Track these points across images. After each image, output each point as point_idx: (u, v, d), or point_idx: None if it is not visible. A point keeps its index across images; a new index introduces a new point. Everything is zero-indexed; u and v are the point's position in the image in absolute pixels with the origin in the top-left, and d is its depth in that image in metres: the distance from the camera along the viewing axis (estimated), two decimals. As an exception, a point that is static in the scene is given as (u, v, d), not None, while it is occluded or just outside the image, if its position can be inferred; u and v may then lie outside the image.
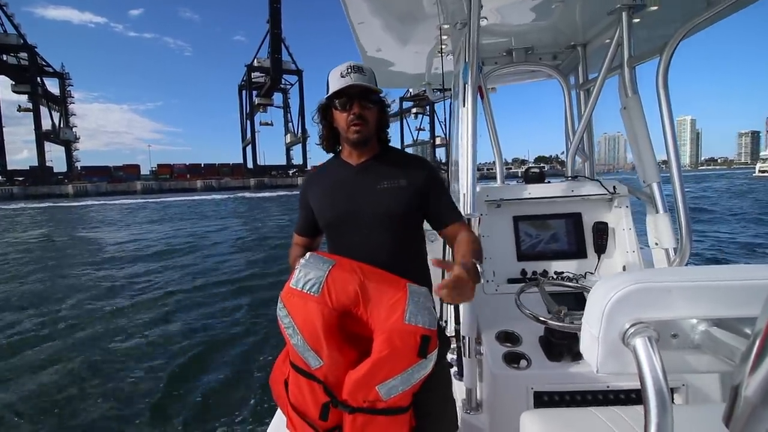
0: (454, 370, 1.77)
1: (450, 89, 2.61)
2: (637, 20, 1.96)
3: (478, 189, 2.02)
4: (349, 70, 1.22)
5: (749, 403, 0.38)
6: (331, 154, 1.42)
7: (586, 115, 2.33)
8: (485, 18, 2.10)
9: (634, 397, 1.45)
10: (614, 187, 2.06)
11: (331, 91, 1.23)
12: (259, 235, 15.20)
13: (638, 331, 0.54)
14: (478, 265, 1.10)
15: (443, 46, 2.32)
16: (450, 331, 1.80)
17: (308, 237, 1.44)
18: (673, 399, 1.43)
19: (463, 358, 1.62)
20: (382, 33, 2.43)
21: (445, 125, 2.34)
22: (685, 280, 0.57)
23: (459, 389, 1.66)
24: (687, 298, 0.56)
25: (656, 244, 1.90)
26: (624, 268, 2.01)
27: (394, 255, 1.26)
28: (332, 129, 1.34)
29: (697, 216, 15.59)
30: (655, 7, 1.91)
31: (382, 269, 1.20)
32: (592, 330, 0.59)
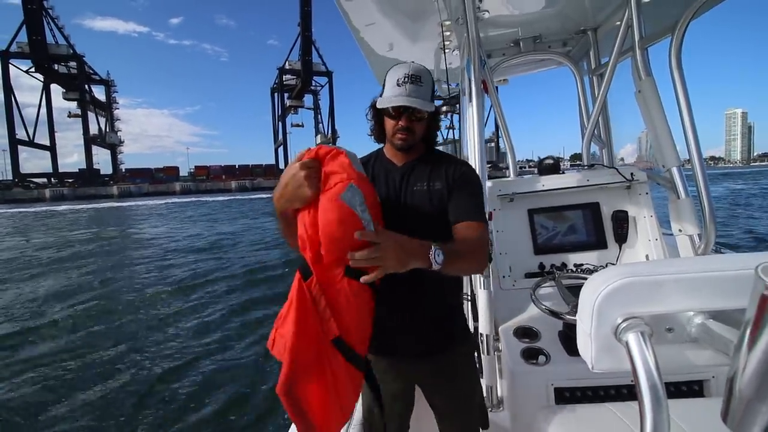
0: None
1: (458, 85, 2.62)
2: (647, 0, 1.91)
3: (490, 184, 2.02)
4: (406, 79, 1.19)
5: (744, 396, 0.38)
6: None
7: (599, 100, 2.27)
8: (487, 11, 2.06)
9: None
10: (632, 174, 2.00)
11: (383, 99, 1.22)
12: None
13: (630, 326, 0.53)
14: (435, 253, 1.00)
15: (447, 42, 2.35)
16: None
17: None
18: (703, 392, 1.33)
19: (482, 355, 1.60)
20: (392, 32, 2.42)
21: (454, 130, 2.32)
22: (678, 272, 0.55)
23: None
24: (680, 290, 0.54)
25: (680, 230, 1.84)
26: (647, 257, 1.95)
27: None
28: (382, 126, 1.32)
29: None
30: None
31: (414, 272, 1.10)
32: (584, 326, 0.58)
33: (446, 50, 2.38)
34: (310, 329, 1.00)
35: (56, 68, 67.19)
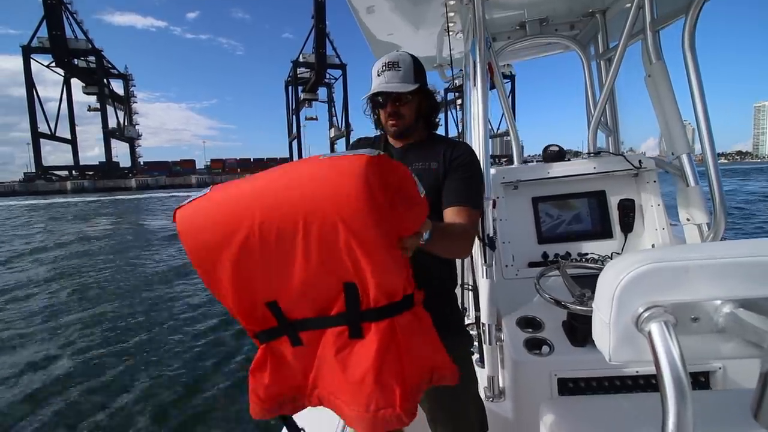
0: (475, 357, 1.69)
1: (462, 70, 2.53)
2: None
3: (494, 171, 1.99)
4: (384, 68, 1.24)
5: None
6: None
7: (607, 85, 2.19)
8: None
9: None
10: (640, 162, 1.95)
11: (370, 91, 1.27)
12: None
13: (653, 315, 0.50)
14: (423, 233, 0.87)
15: (451, 24, 2.26)
16: (470, 317, 1.77)
17: None
18: (709, 383, 1.33)
19: (484, 345, 1.58)
20: (392, 15, 2.34)
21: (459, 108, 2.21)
22: (705, 258, 0.51)
23: (480, 377, 1.60)
24: (707, 277, 0.51)
25: (688, 219, 1.80)
26: (653, 247, 1.91)
27: None
28: (380, 118, 1.35)
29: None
30: None
31: None
32: (603, 315, 0.55)
33: (450, 32, 2.28)
34: None
35: (76, 63, 68.59)
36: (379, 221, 0.67)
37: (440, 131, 1.43)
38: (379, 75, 1.25)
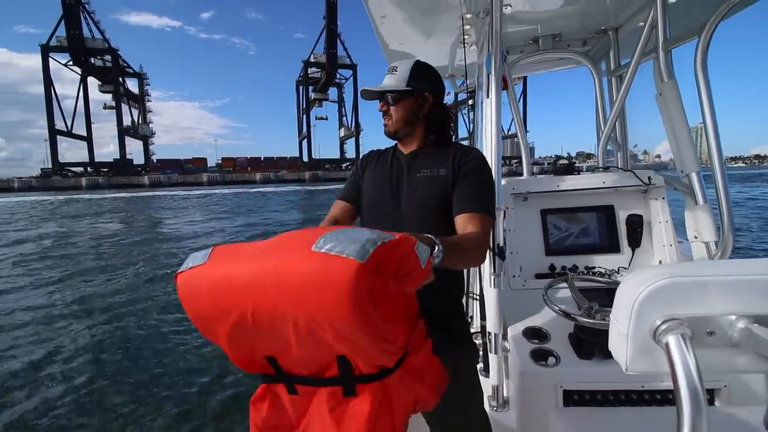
0: (479, 366, 1.73)
1: (474, 80, 2.56)
2: (673, 1, 1.86)
3: (504, 182, 1.99)
4: (386, 72, 1.32)
5: None
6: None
7: (618, 102, 2.23)
8: (509, 5, 2.03)
9: (670, 398, 1.36)
10: (649, 178, 1.98)
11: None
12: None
13: (671, 327, 0.51)
14: (436, 243, 0.91)
15: (466, 37, 2.31)
16: (475, 326, 1.75)
17: (352, 204, 1.43)
18: (714, 401, 1.31)
19: (489, 354, 1.58)
20: (405, 26, 2.41)
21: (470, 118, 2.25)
22: (723, 274, 0.53)
23: (485, 386, 1.60)
24: (725, 293, 0.52)
25: (695, 237, 1.82)
26: (660, 263, 1.93)
27: None
28: None
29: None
30: None
31: None
32: (621, 327, 0.57)
33: (462, 46, 2.35)
34: None
35: (92, 62, 69.83)
36: (366, 328, 0.69)
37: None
38: None
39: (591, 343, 1.44)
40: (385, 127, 1.34)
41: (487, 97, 1.79)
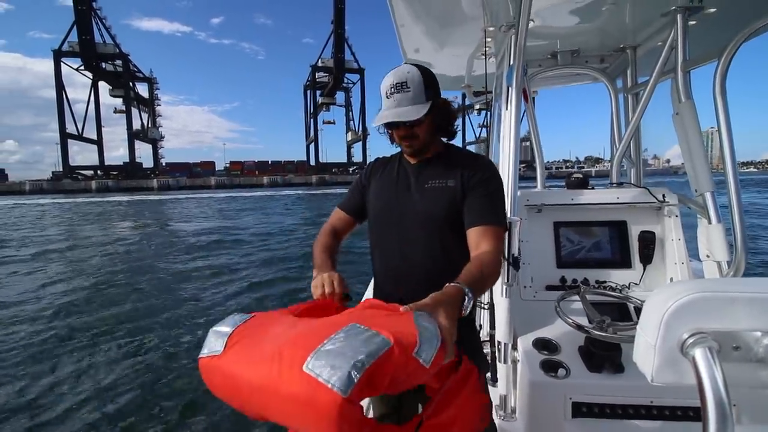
0: (487, 375, 1.73)
1: (491, 92, 2.61)
2: (693, 23, 1.86)
3: (518, 193, 2.01)
4: (392, 90, 1.18)
5: None
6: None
7: (634, 120, 2.25)
8: (532, 20, 2.01)
9: (679, 414, 1.37)
10: (663, 196, 2.00)
11: (378, 115, 1.22)
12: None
13: (698, 341, 0.53)
14: (466, 294, 0.94)
15: (488, 49, 2.36)
16: (484, 335, 1.75)
17: (351, 216, 1.44)
18: None
19: (498, 363, 1.60)
20: (422, 37, 2.45)
21: (487, 128, 2.33)
22: (751, 291, 0.55)
23: (492, 395, 1.57)
24: (752, 309, 0.54)
25: (708, 256, 1.83)
26: (671, 281, 1.92)
27: (431, 257, 1.24)
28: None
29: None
30: (713, 9, 1.83)
31: (416, 269, 1.23)
32: (648, 338, 0.58)
33: (483, 57, 2.40)
34: None
35: (104, 66, 70.90)
36: None
37: (457, 136, 1.39)
38: (388, 97, 1.19)
39: (601, 356, 1.44)
40: (408, 148, 1.28)
41: (506, 108, 1.80)
